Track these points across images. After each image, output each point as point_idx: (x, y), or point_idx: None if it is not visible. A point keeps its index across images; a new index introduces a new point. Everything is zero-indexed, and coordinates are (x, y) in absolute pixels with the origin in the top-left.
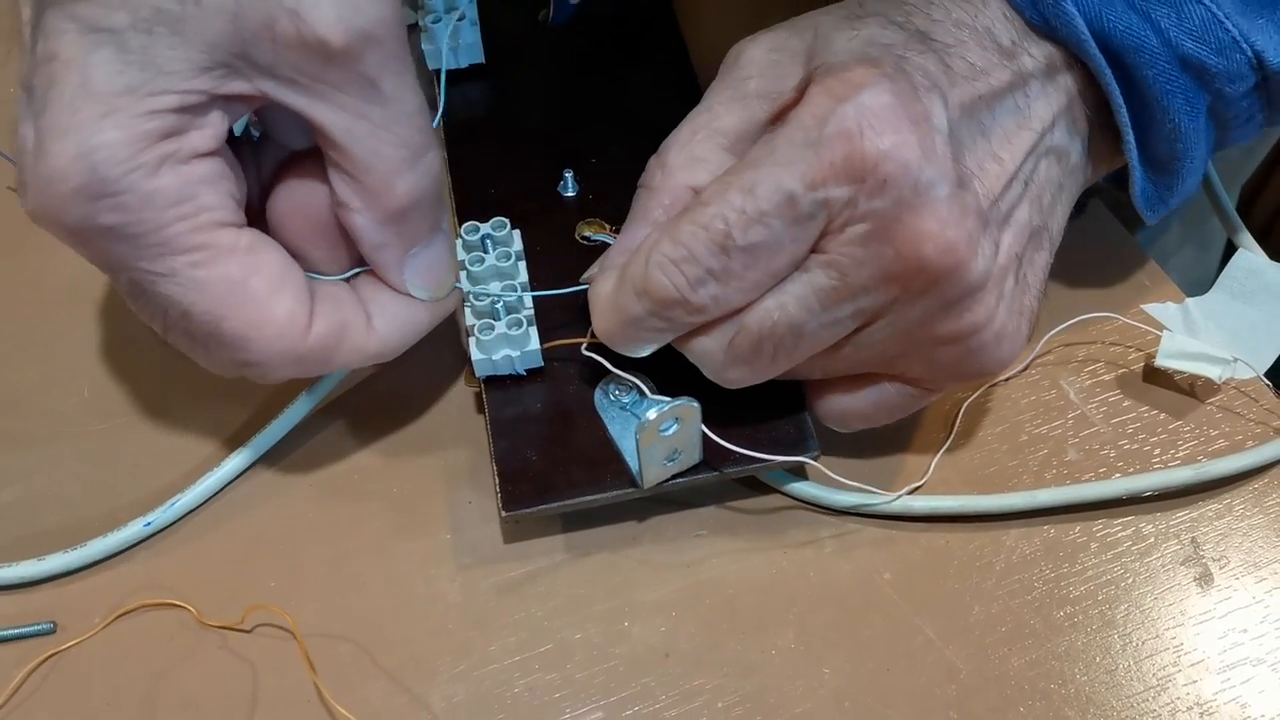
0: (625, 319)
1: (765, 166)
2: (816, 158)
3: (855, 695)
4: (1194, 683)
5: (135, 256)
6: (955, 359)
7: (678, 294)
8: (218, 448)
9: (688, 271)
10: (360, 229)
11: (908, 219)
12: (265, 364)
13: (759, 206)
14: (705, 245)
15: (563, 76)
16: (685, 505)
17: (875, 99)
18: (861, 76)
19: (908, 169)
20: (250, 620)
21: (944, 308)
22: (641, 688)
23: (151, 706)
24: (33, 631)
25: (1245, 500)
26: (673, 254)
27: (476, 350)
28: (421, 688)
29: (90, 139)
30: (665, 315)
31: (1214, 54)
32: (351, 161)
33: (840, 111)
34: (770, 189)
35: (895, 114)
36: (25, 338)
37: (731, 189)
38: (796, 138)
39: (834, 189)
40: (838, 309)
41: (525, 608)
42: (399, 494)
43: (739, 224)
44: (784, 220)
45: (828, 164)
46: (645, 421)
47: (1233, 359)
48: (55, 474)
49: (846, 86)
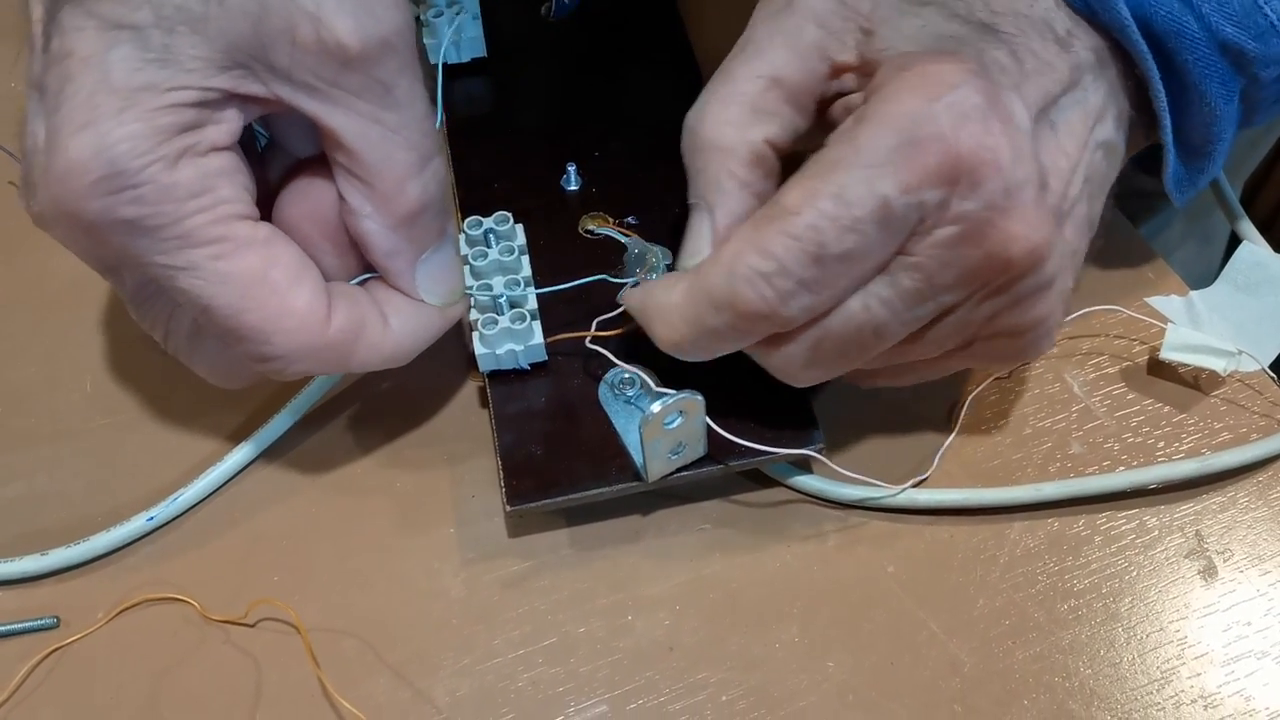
0: (701, 331)
1: (856, 169)
2: (910, 160)
3: (859, 689)
4: (1198, 675)
5: (155, 250)
6: (1009, 349)
7: (768, 308)
8: (220, 443)
9: (779, 285)
10: (372, 236)
11: (998, 221)
12: (285, 357)
13: (853, 213)
14: (797, 257)
15: (565, 70)
16: (689, 499)
17: (968, 99)
18: (950, 74)
19: (1000, 171)
20: (254, 615)
21: (1014, 304)
22: (645, 681)
23: (155, 701)
24: (36, 626)
25: (1249, 493)
26: (763, 267)
27: (480, 345)
28: (426, 682)
29: (110, 131)
30: (748, 328)
31: (1253, 39)
32: (364, 167)
33: (933, 112)
34: (864, 194)
35: (987, 115)
36: (27, 335)
37: (821, 195)
38: (886, 138)
39: (927, 192)
40: (920, 309)
41: (529, 602)
42: (402, 489)
43: (833, 232)
44: (877, 225)
45: (922, 167)
46: (649, 415)
47: (1237, 351)
48: (58, 470)
49: (936, 85)
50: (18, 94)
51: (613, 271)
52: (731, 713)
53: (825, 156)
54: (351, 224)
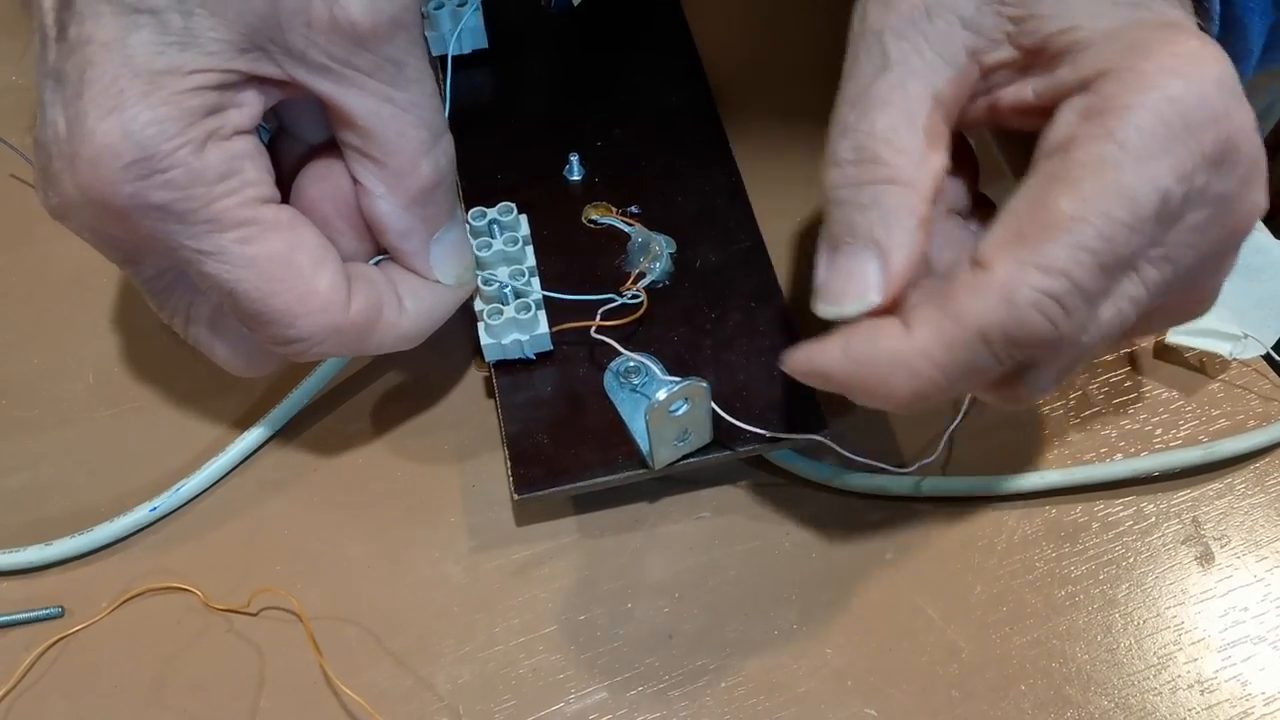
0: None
1: (1128, 165)
2: (1188, 147)
3: (857, 674)
4: (1195, 660)
5: (183, 235)
6: (1195, 310)
7: (1058, 333)
8: (223, 433)
9: (1070, 304)
10: (386, 216)
11: (1246, 195)
12: (309, 339)
13: (1140, 212)
14: (1089, 269)
15: (566, 60)
16: (691, 486)
17: (1226, 74)
18: (1196, 50)
19: (1255, 144)
20: (256, 603)
21: (1220, 267)
22: (646, 668)
23: (159, 689)
24: (41, 616)
25: (1246, 480)
26: (1054, 288)
27: (486, 335)
28: (427, 670)
29: (139, 115)
30: (1020, 359)
31: None
32: (377, 145)
33: (1204, 91)
34: (1149, 190)
35: (1238, 89)
36: (30, 326)
37: (1106, 197)
38: (1152, 125)
39: (1199, 176)
40: (1161, 298)
41: (530, 590)
42: (405, 478)
43: (1122, 238)
44: (1157, 220)
45: (1199, 151)
46: (655, 402)
47: (1243, 335)
48: (61, 460)
49: (1195, 63)
50: (18, 87)
51: (621, 288)
52: (731, 698)
53: (1075, 158)
54: (366, 206)
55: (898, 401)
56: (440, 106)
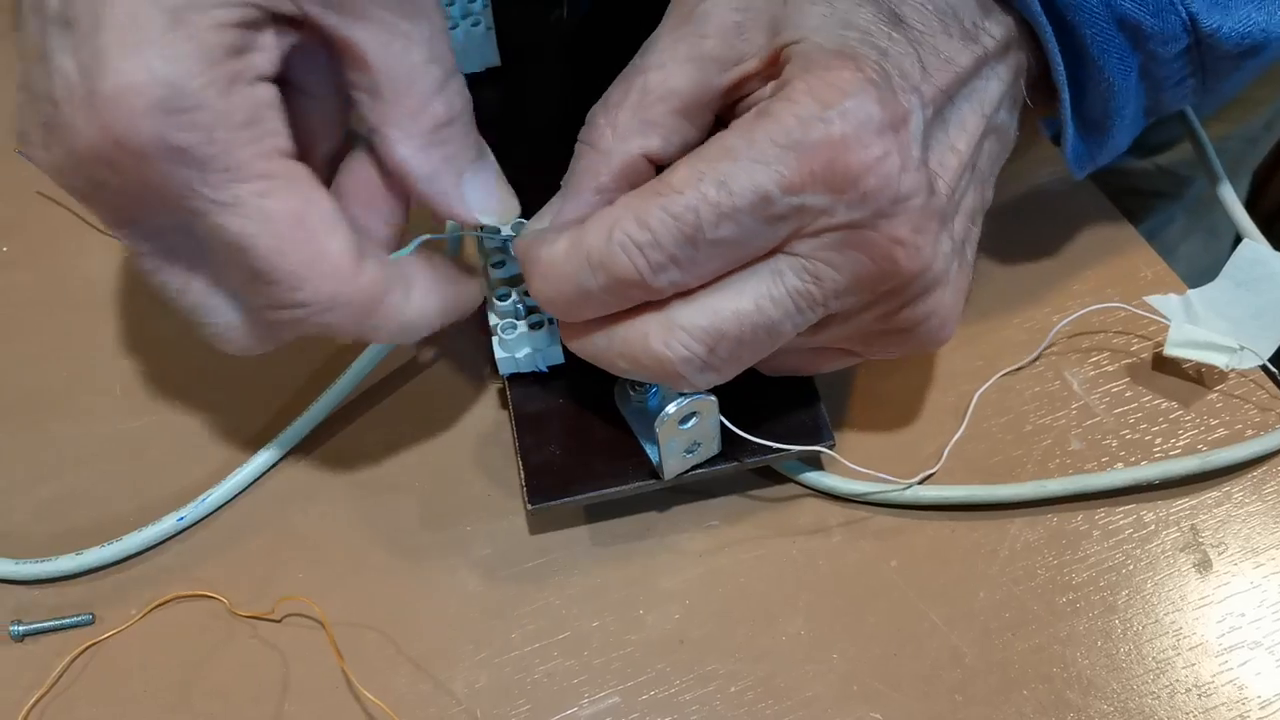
0: (575, 289)
1: (742, 161)
2: (797, 163)
3: (863, 679)
4: (1192, 665)
5: (201, 182)
6: (904, 342)
7: (637, 276)
8: (246, 444)
9: (651, 256)
10: (407, 161)
11: (883, 227)
12: (313, 305)
13: (733, 203)
14: (673, 234)
15: (577, 76)
16: (701, 496)
17: (862, 108)
18: (847, 81)
19: (889, 182)
20: (280, 610)
21: (903, 304)
22: (657, 673)
23: (186, 694)
24: (72, 623)
25: (1244, 488)
26: (638, 237)
27: (500, 349)
28: (445, 674)
29: (162, 51)
30: (620, 292)
31: (1151, 15)
32: (388, 82)
33: (825, 118)
34: (746, 187)
35: (881, 125)
36: (58, 339)
37: (705, 180)
38: (777, 136)
39: (811, 196)
40: (812, 310)
41: (544, 597)
42: (423, 487)
43: (710, 218)
44: (756, 219)
45: (808, 171)
46: (665, 415)
47: (1239, 347)
48: (90, 471)
49: (831, 90)
50: None
51: None
52: (740, 703)
53: (720, 142)
54: (388, 157)
55: (540, 298)
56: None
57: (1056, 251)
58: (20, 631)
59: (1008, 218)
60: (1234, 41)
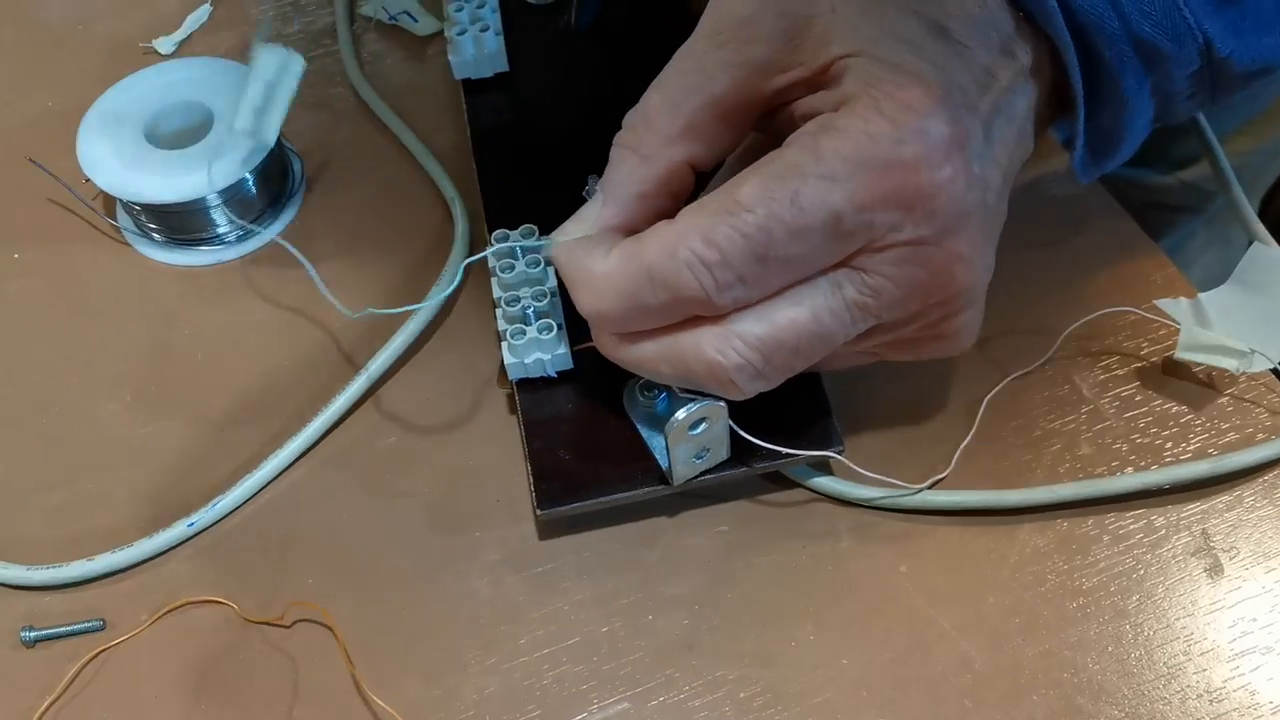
0: (631, 304)
1: (813, 178)
2: (870, 181)
3: (872, 684)
4: (1204, 671)
5: None
6: (933, 350)
7: (703, 294)
8: (256, 450)
9: (719, 275)
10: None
11: (946, 244)
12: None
13: (805, 221)
14: (742, 253)
15: (585, 82)
16: (710, 501)
17: (935, 128)
18: (918, 99)
19: (955, 200)
20: (290, 616)
21: (946, 315)
22: (666, 678)
23: (197, 699)
24: (84, 629)
25: (1256, 492)
26: (706, 255)
27: (509, 354)
28: (455, 680)
29: None
30: (677, 308)
31: (1169, 40)
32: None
33: (899, 137)
34: (817, 204)
35: (949, 145)
36: (69, 346)
37: (776, 198)
38: (847, 152)
39: (882, 214)
40: (865, 320)
41: (553, 603)
42: (432, 494)
43: (781, 236)
44: (825, 235)
45: (881, 190)
46: (675, 421)
47: (1251, 351)
48: (101, 477)
49: (902, 108)
50: (55, 112)
51: None
52: (749, 708)
53: (785, 157)
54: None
55: (587, 312)
56: None
57: (1066, 256)
58: (32, 637)
59: (1016, 222)
60: (1246, 65)
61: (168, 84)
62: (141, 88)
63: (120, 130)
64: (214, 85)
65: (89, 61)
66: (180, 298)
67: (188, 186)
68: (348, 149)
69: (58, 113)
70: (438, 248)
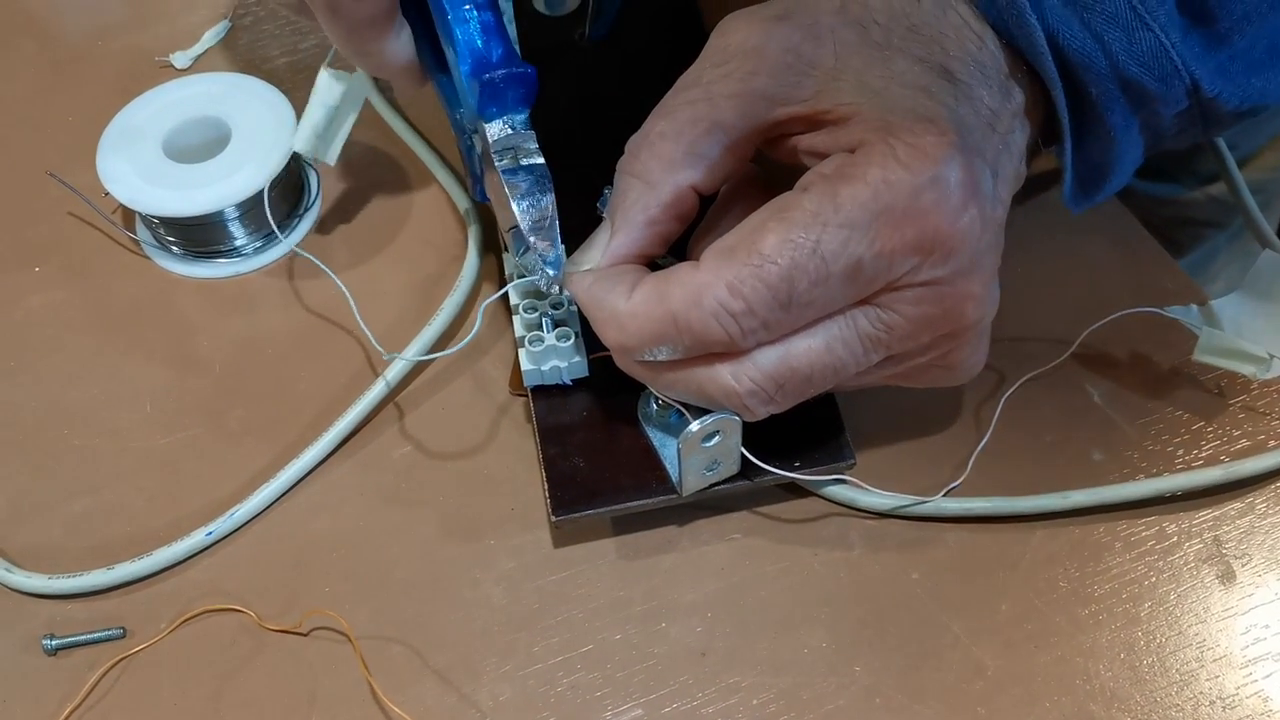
0: (654, 342)
1: (833, 229)
2: (890, 230)
3: (886, 691)
4: (1216, 678)
5: None
6: (942, 379)
7: (728, 340)
8: (273, 459)
9: (745, 324)
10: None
11: (960, 284)
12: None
13: (827, 270)
14: (766, 302)
15: (598, 92)
16: (723, 509)
17: (952, 175)
18: (933, 145)
19: (970, 243)
20: (308, 624)
21: (955, 347)
22: (679, 686)
23: (216, 706)
24: (104, 636)
25: (1268, 499)
26: (732, 306)
27: (526, 361)
28: (470, 687)
29: None
30: (701, 350)
31: (1156, 80)
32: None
33: (916, 185)
34: (839, 253)
35: (966, 192)
36: (90, 358)
37: (799, 248)
38: (867, 201)
39: (901, 259)
40: (877, 352)
41: (567, 610)
42: (447, 502)
43: (803, 285)
44: (846, 282)
45: (900, 238)
46: (688, 434)
47: (1269, 356)
48: (121, 487)
49: (920, 157)
50: (73, 126)
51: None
52: (763, 715)
53: (804, 205)
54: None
55: (610, 344)
56: None
57: (1078, 265)
58: (53, 645)
59: (1026, 232)
60: (1235, 105)
61: (186, 98)
62: (160, 102)
63: (139, 144)
64: (232, 100)
65: (108, 76)
66: (199, 309)
67: (206, 200)
68: (363, 161)
69: (77, 127)
70: (452, 259)
